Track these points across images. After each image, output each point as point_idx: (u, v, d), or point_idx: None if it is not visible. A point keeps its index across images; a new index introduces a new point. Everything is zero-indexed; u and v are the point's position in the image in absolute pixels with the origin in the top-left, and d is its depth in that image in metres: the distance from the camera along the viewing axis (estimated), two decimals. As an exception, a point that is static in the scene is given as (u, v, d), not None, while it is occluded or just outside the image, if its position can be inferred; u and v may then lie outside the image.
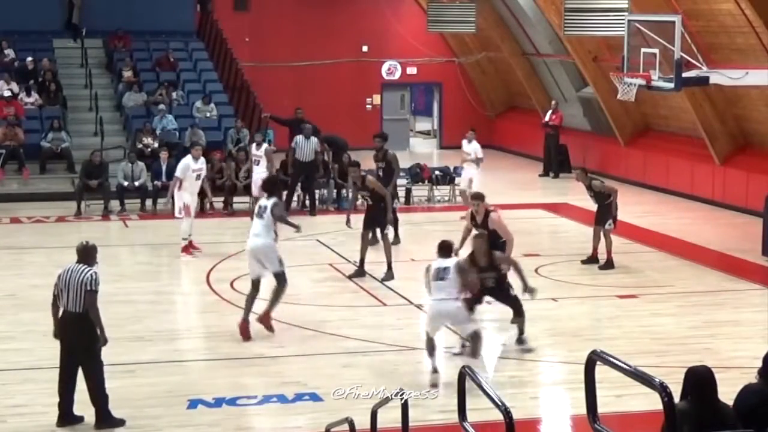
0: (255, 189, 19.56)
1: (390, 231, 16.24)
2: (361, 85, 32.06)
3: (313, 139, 21.65)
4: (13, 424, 9.86)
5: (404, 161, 25.82)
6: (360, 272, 15.72)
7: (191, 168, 17.60)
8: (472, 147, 21.38)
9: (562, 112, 27.52)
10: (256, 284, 12.84)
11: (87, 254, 9.84)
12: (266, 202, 12.84)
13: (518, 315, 12.19)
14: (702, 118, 22.13)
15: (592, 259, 16.52)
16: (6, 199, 22.03)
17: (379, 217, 15.83)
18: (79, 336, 9.66)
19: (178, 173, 17.60)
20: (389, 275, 15.40)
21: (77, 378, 9.78)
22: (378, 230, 16.23)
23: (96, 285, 9.61)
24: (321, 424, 9.27)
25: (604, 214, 16.32)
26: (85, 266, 9.73)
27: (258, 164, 20.36)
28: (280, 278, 12.83)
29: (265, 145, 20.58)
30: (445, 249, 11.26)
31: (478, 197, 13.74)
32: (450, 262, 11.11)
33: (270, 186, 13.40)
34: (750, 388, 6.49)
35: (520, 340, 12.19)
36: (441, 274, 10.97)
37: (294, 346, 12.38)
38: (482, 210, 13.43)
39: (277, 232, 12.94)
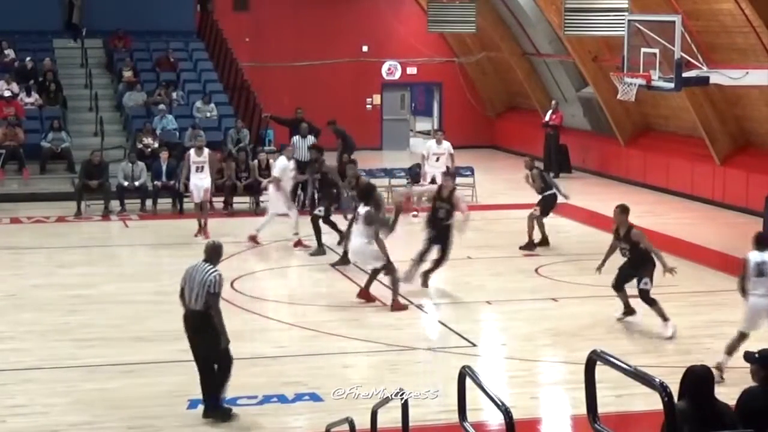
0: (196, 195, 19.05)
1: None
2: (361, 85, 32.07)
3: (310, 138, 21.70)
4: (13, 424, 9.86)
5: (404, 161, 25.83)
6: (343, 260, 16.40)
7: (289, 168, 18.17)
8: (445, 146, 21.93)
9: (562, 112, 27.53)
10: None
11: (214, 253, 10.01)
12: (361, 210, 14.15)
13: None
14: (702, 118, 22.13)
15: (537, 244, 17.63)
16: (6, 199, 22.02)
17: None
18: (199, 332, 9.81)
19: (277, 173, 18.08)
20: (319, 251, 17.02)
21: (211, 369, 9.88)
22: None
23: (219, 287, 9.75)
24: (321, 424, 9.27)
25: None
26: (210, 266, 9.85)
27: (201, 170, 19.05)
28: (384, 268, 14.06)
29: (207, 151, 19.32)
30: (763, 241, 11.02)
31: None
32: (767, 256, 10.89)
33: (365, 194, 14.63)
34: (751, 391, 6.47)
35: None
36: (760, 269, 10.83)
37: (294, 346, 12.38)
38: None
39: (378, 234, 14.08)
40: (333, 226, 17.49)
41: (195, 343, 9.90)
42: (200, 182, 18.96)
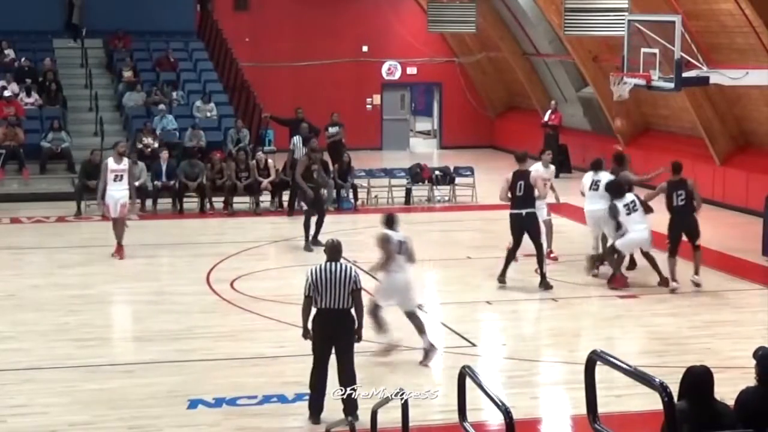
0: (111, 208, 16.99)
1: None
2: (361, 85, 32.08)
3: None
4: (13, 424, 9.85)
5: (404, 161, 25.83)
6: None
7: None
8: (552, 171, 18.24)
9: (562, 112, 27.53)
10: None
11: (336, 251, 10.01)
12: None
13: None
14: (702, 118, 22.13)
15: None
16: (6, 199, 22.03)
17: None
18: (343, 331, 9.86)
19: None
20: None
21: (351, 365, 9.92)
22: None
23: (361, 283, 9.84)
24: (321, 424, 9.27)
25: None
26: (342, 263, 9.87)
27: (119, 180, 16.97)
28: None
29: (128, 160, 17.46)
30: None
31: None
32: None
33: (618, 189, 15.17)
34: (747, 392, 6.46)
35: None
36: None
37: (294, 346, 12.34)
38: None
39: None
40: (306, 228, 17.66)
41: (341, 339, 9.85)
42: (116, 194, 16.88)
